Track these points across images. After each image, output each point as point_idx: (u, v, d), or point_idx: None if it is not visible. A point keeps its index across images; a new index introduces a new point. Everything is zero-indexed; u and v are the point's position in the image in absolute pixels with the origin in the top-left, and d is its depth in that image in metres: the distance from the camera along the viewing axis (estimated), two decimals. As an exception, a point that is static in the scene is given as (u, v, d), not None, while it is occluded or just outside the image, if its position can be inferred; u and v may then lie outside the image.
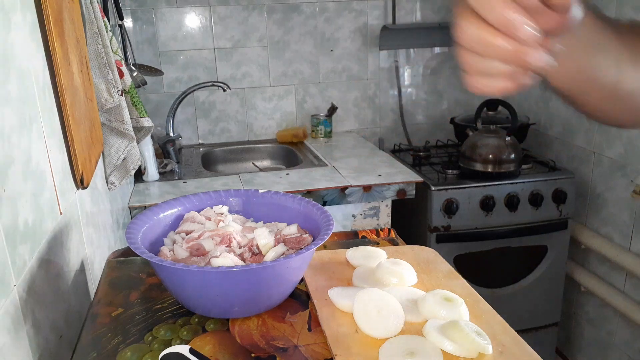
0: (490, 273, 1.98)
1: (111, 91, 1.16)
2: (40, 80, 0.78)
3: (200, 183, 1.80)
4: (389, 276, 0.72)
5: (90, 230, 1.03)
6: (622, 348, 1.96)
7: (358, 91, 2.40)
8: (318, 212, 0.75)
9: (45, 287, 0.71)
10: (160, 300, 0.73)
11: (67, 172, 0.88)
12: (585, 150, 2.04)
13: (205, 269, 0.63)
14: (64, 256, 0.82)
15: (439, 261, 0.80)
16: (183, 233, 0.75)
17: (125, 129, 1.22)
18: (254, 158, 2.29)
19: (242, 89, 2.29)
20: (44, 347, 0.68)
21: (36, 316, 0.66)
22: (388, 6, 2.31)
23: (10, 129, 0.64)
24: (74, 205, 0.91)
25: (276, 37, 2.26)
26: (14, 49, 0.68)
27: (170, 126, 2.08)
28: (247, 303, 0.67)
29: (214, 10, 2.18)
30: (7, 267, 0.58)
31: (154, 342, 0.64)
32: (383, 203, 1.78)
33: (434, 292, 0.67)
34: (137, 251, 0.64)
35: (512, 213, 1.92)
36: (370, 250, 0.81)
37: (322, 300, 0.69)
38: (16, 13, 0.71)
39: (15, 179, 0.64)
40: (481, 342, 0.58)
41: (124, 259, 0.85)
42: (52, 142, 0.80)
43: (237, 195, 0.83)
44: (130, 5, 2.11)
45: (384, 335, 0.61)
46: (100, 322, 0.68)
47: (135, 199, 1.66)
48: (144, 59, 2.14)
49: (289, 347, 0.62)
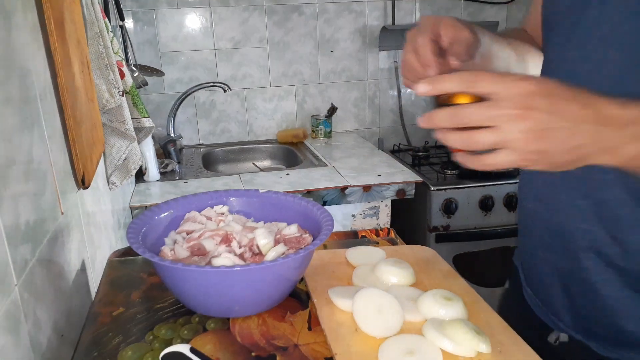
0: (489, 273, 1.99)
1: (112, 92, 1.16)
2: (41, 81, 0.78)
3: (201, 183, 1.81)
4: (388, 276, 0.72)
5: (92, 230, 1.04)
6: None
7: (358, 92, 2.41)
8: (318, 212, 0.75)
9: (46, 286, 0.71)
10: (161, 299, 0.73)
11: (68, 173, 0.88)
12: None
13: (205, 269, 0.64)
14: (65, 256, 0.82)
15: (438, 261, 0.80)
16: (184, 233, 0.76)
17: (126, 130, 1.22)
18: (254, 158, 2.29)
19: (242, 89, 2.29)
20: (45, 346, 0.68)
21: (37, 316, 0.66)
22: (388, 7, 2.32)
23: (12, 129, 0.64)
24: (75, 205, 0.91)
25: (276, 38, 2.26)
26: (15, 49, 0.69)
27: (171, 126, 2.09)
28: (247, 302, 0.68)
29: (215, 11, 2.18)
30: (8, 267, 0.59)
31: (154, 341, 0.64)
32: (382, 203, 1.78)
33: (433, 291, 0.67)
34: (138, 251, 0.64)
35: (511, 213, 1.92)
36: (370, 250, 0.81)
37: (322, 300, 0.69)
38: (17, 14, 0.71)
39: (16, 179, 0.64)
40: (480, 341, 0.58)
41: (125, 258, 0.85)
42: (53, 143, 0.81)
43: (238, 195, 0.84)
44: (131, 6, 2.11)
45: (384, 335, 0.61)
46: (101, 321, 0.68)
47: (136, 199, 1.66)
48: (145, 59, 2.15)
49: (289, 346, 0.63)
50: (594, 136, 0.49)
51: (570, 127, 0.48)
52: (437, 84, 0.51)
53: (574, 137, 0.49)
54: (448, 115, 0.50)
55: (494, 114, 0.48)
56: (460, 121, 0.49)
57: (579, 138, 0.49)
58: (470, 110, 0.49)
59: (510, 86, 0.48)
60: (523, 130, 0.48)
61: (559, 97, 0.49)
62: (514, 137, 0.48)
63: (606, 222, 0.64)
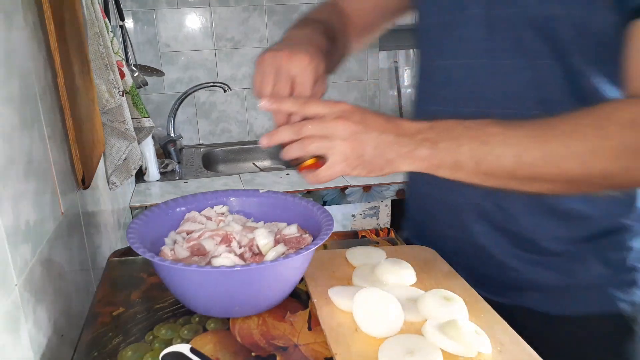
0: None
1: (112, 92, 1.16)
2: (41, 81, 0.78)
3: (201, 183, 1.81)
4: (388, 276, 0.72)
5: (92, 230, 1.04)
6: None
7: (358, 92, 2.41)
8: (318, 212, 0.75)
9: (46, 286, 0.71)
10: (161, 299, 0.73)
11: (69, 172, 0.89)
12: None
13: (205, 269, 0.64)
14: (65, 256, 0.82)
15: (438, 261, 0.80)
16: (184, 233, 0.76)
17: (127, 130, 1.22)
18: (255, 158, 2.29)
19: (242, 89, 2.29)
20: (45, 346, 0.68)
21: (37, 315, 0.66)
22: (388, 7, 2.32)
23: (12, 129, 0.64)
24: (75, 205, 0.91)
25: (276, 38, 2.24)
26: (15, 49, 0.69)
27: (171, 126, 2.09)
28: (247, 302, 0.68)
29: (215, 11, 2.18)
30: (8, 267, 0.59)
31: (154, 342, 0.64)
32: (383, 203, 1.78)
33: (434, 291, 0.67)
34: (138, 251, 0.64)
35: None
36: (370, 250, 0.81)
37: (322, 300, 0.69)
38: (17, 14, 0.71)
39: (16, 179, 0.64)
40: (480, 341, 0.58)
41: (125, 258, 0.85)
42: (53, 143, 0.81)
43: (238, 195, 0.84)
44: (131, 6, 2.11)
45: (384, 335, 0.61)
46: (101, 321, 0.68)
47: (136, 199, 1.66)
48: (145, 59, 2.15)
49: (289, 346, 0.63)
50: (394, 143, 0.61)
51: (377, 136, 0.61)
52: (278, 104, 0.65)
53: (381, 144, 0.61)
54: (290, 129, 0.63)
55: (322, 125, 0.61)
56: (300, 132, 0.62)
57: (384, 145, 0.61)
58: (305, 123, 0.62)
59: (332, 106, 0.62)
60: (343, 136, 0.60)
61: (368, 113, 0.62)
62: (338, 142, 0.60)
63: (492, 195, 0.77)
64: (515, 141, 0.60)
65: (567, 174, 0.59)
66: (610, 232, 0.76)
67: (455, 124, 0.62)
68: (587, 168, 0.59)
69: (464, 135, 0.61)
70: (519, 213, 0.77)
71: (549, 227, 0.77)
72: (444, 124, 0.62)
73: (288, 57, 0.68)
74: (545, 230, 0.77)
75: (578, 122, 0.60)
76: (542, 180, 0.61)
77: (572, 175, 0.59)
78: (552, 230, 0.77)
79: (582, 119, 0.60)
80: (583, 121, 0.60)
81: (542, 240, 0.77)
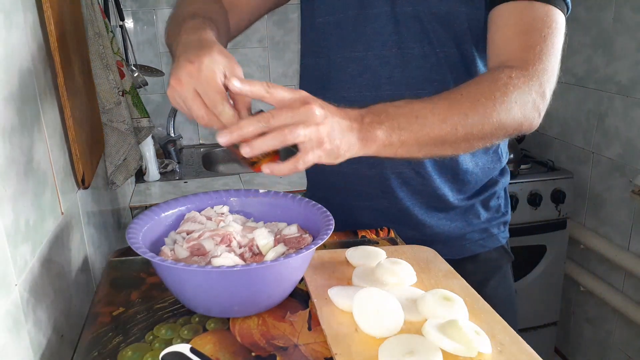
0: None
1: (112, 92, 1.17)
2: (41, 81, 0.78)
3: (201, 183, 1.81)
4: (388, 276, 0.72)
5: (92, 230, 1.04)
6: (621, 347, 1.97)
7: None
8: (318, 212, 0.75)
9: (46, 286, 0.71)
10: (161, 299, 0.73)
11: (68, 172, 0.89)
12: (583, 150, 2.04)
13: (205, 269, 0.64)
14: (65, 256, 0.82)
15: (438, 261, 0.80)
16: (184, 233, 0.76)
17: (126, 130, 1.22)
18: (254, 158, 2.29)
19: (242, 89, 2.29)
20: (45, 346, 0.68)
21: (37, 316, 0.66)
22: (388, 7, 2.32)
23: (12, 129, 0.64)
24: (75, 205, 0.91)
25: (276, 38, 2.26)
26: (15, 49, 0.69)
27: (171, 126, 2.09)
28: (247, 302, 0.68)
29: (214, 10, 2.18)
30: (8, 267, 0.59)
31: (154, 342, 0.64)
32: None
33: (433, 291, 0.67)
34: (138, 251, 0.64)
35: (510, 213, 1.92)
36: (370, 249, 0.81)
37: (322, 300, 0.69)
38: (17, 14, 0.71)
39: (16, 179, 0.64)
40: (480, 341, 0.58)
41: (124, 258, 0.85)
42: (53, 143, 0.81)
43: (238, 195, 0.84)
44: (131, 6, 2.11)
45: (384, 335, 0.61)
46: (101, 321, 0.68)
47: (136, 199, 1.66)
48: (145, 59, 2.15)
49: (289, 346, 0.63)
50: (351, 128, 0.63)
51: (339, 120, 0.63)
52: (246, 85, 0.62)
53: (344, 129, 0.63)
54: (255, 121, 0.60)
55: (294, 112, 0.60)
56: (269, 122, 0.60)
57: (346, 130, 0.63)
58: (273, 113, 0.60)
59: (293, 92, 0.62)
60: (317, 121, 0.60)
61: (323, 101, 0.63)
62: (314, 128, 0.59)
63: (412, 163, 0.92)
64: (440, 111, 0.69)
65: (481, 131, 0.71)
66: (489, 186, 0.99)
67: (386, 105, 0.68)
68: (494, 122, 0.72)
69: (399, 114, 0.67)
70: (431, 177, 0.93)
71: (453, 186, 0.95)
72: (378, 108, 0.68)
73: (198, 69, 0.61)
74: (451, 189, 0.95)
75: (477, 90, 0.73)
76: (464, 140, 0.71)
77: (485, 131, 0.71)
78: (455, 188, 0.95)
79: (479, 87, 0.73)
80: (480, 89, 0.73)
81: (449, 197, 0.95)
